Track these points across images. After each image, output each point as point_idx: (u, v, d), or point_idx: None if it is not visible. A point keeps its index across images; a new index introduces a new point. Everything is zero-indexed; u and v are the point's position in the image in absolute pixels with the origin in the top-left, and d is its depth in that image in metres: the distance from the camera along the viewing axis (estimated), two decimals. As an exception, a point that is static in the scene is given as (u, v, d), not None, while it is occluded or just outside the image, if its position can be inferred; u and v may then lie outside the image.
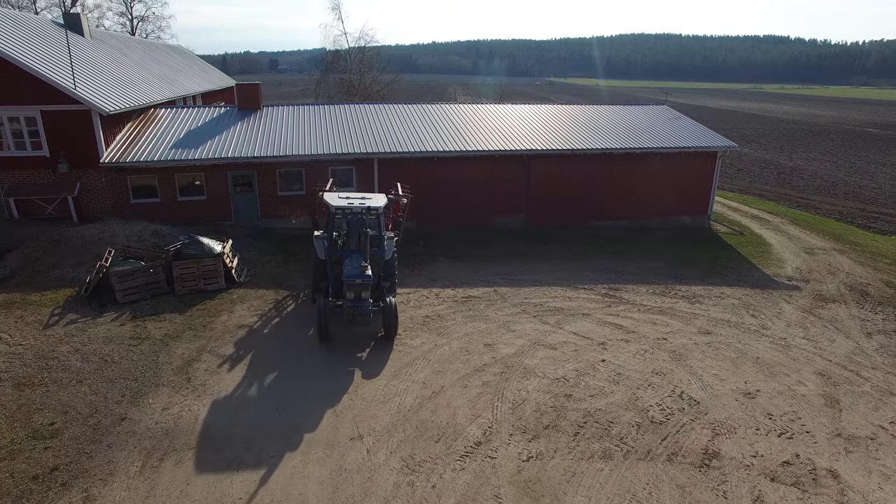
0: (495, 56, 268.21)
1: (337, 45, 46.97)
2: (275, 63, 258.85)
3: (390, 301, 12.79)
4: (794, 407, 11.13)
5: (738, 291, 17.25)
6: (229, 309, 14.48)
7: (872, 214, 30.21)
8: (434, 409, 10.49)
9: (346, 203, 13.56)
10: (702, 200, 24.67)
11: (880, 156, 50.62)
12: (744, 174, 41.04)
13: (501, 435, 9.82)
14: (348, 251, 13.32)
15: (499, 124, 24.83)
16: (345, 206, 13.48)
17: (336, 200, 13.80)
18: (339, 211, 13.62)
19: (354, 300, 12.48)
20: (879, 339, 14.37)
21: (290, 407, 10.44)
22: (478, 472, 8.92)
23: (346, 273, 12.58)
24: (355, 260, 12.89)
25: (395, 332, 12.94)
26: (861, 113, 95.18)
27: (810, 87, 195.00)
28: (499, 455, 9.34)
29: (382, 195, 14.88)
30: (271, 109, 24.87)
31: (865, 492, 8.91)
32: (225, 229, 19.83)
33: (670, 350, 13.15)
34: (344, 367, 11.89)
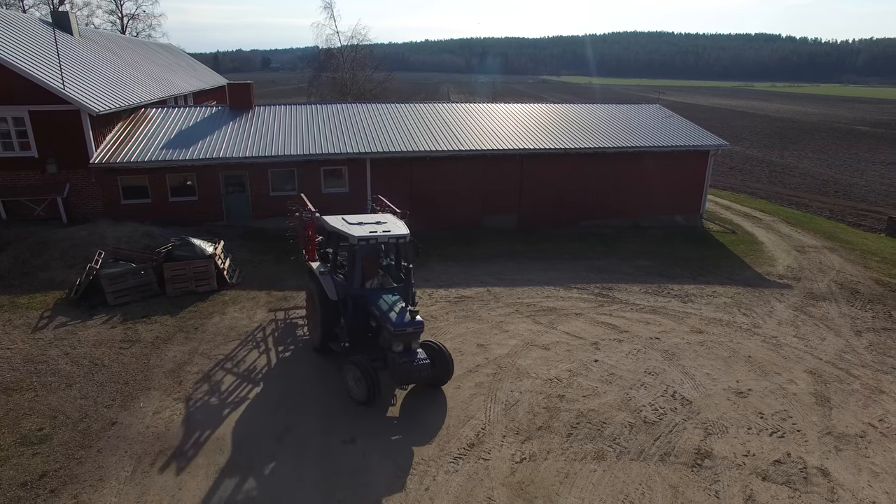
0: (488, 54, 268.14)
1: (329, 43, 46.88)
2: (267, 61, 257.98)
3: (441, 346, 10.99)
4: (785, 406, 11.18)
5: (730, 290, 17.32)
6: (221, 311, 14.40)
7: (862, 212, 30.45)
8: (427, 411, 10.46)
9: (367, 232, 10.90)
10: (694, 199, 24.76)
11: (870, 153, 51.02)
12: (736, 172, 41.25)
13: (494, 436, 9.81)
14: (374, 290, 11.11)
15: (491, 124, 24.82)
16: (367, 235, 10.79)
17: (352, 229, 11.08)
18: (363, 241, 10.79)
19: (405, 352, 10.28)
20: (869, 337, 14.47)
21: (284, 409, 10.39)
22: (471, 474, 8.91)
23: (393, 321, 10.16)
24: (391, 302, 10.68)
25: (449, 378, 11.08)
26: (851, 111, 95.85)
27: (801, 85, 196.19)
28: (492, 457, 9.33)
29: (394, 217, 12.36)
30: (263, 109, 24.76)
31: (855, 489, 8.97)
32: (216, 230, 19.72)
33: (663, 349, 13.19)
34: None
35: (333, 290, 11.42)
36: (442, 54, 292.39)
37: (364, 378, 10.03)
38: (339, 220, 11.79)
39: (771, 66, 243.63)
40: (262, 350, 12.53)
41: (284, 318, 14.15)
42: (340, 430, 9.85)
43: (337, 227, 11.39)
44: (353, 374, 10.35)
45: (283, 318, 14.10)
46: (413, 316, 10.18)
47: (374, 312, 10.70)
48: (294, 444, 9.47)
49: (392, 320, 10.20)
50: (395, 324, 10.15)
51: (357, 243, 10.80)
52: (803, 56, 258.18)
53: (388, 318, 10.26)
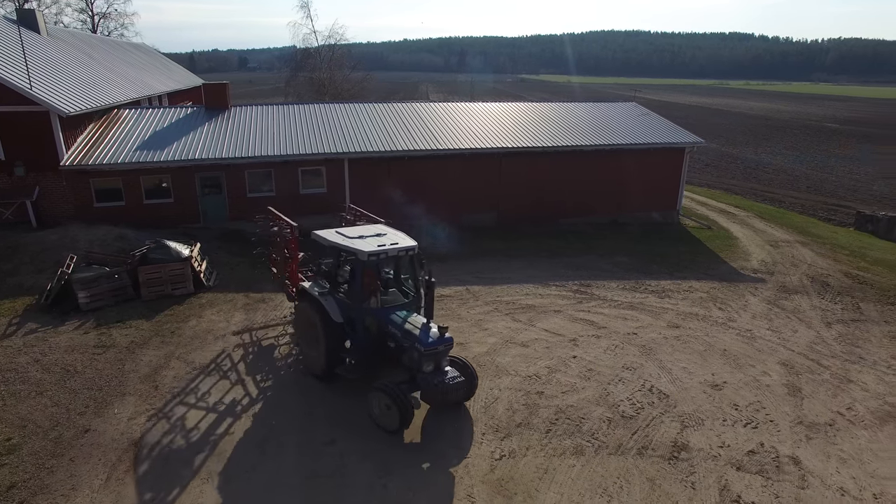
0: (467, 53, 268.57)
1: (307, 43, 46.52)
2: (244, 61, 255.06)
3: (465, 360, 10.54)
4: (759, 397, 11.40)
5: (705, 285, 17.59)
6: (198, 314, 14.22)
7: (833, 207, 31.17)
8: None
9: (376, 246, 10.20)
10: (671, 196, 25.10)
11: (839, 150, 52.20)
12: (711, 169, 41.90)
13: (474, 434, 9.84)
14: (387, 308, 10.47)
15: (470, 123, 24.87)
16: (377, 249, 10.07)
17: (357, 243, 10.32)
18: (374, 257, 10.05)
19: (436, 372, 9.69)
20: (838, 329, 14.82)
21: (263, 413, 10.29)
22: (451, 472, 8.93)
23: (424, 341, 9.51)
24: (412, 319, 10.08)
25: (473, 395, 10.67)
26: (821, 108, 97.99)
27: (774, 83, 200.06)
28: (471, 454, 9.36)
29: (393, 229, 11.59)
30: (239, 109, 24.50)
31: (824, 476, 9.20)
32: (193, 232, 19.47)
33: (640, 345, 13.35)
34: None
35: (337, 311, 10.50)
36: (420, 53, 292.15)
37: (395, 404, 9.31)
38: (336, 234, 10.90)
39: (745, 64, 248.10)
40: (240, 352, 12.40)
41: (253, 341, 12.86)
42: (320, 433, 9.80)
43: (340, 243, 10.47)
44: (381, 402, 9.60)
45: (251, 342, 12.83)
46: (443, 333, 9.52)
47: (394, 332, 10.00)
48: (275, 447, 9.39)
49: (422, 339, 9.51)
50: (426, 343, 9.45)
51: (367, 259, 9.98)
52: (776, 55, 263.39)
53: (416, 338, 9.59)
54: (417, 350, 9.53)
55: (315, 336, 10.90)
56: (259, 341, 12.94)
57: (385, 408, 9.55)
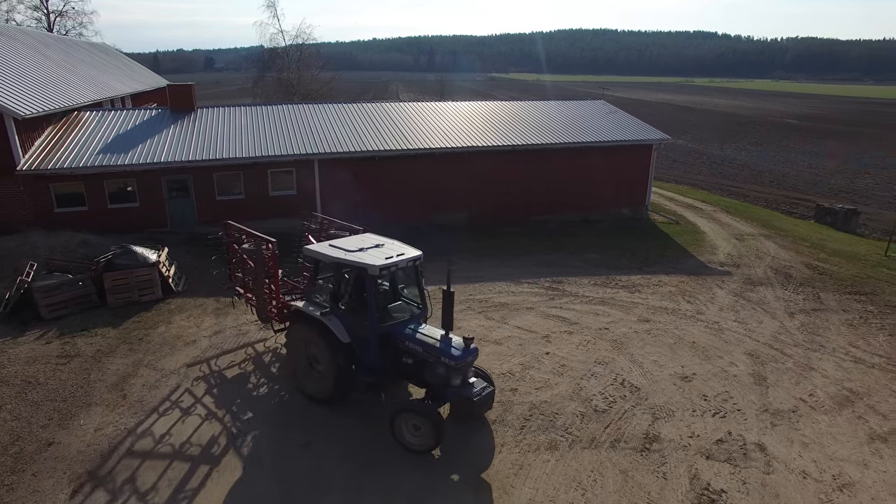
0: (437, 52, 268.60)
1: (274, 43, 45.92)
2: (210, 61, 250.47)
3: (482, 369, 10.38)
4: (726, 387, 11.70)
5: (674, 279, 17.96)
6: (167, 320, 13.94)
7: (794, 200, 32.13)
8: (383, 411, 10.42)
9: (383, 258, 9.63)
10: (639, 192, 25.54)
11: (799, 145, 53.84)
12: (679, 165, 42.77)
13: (450, 432, 9.86)
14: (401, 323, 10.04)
15: (440, 122, 24.90)
16: (387, 263, 9.53)
17: (364, 257, 9.72)
18: (385, 270, 9.53)
19: (464, 385, 9.46)
20: (801, 318, 15.30)
21: (236, 419, 10.14)
22: (428, 470, 8.94)
23: (452, 354, 9.15)
24: (431, 332, 9.69)
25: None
26: (781, 105, 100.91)
27: (736, 80, 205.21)
28: (447, 452, 9.38)
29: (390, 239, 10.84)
30: (206, 111, 24.06)
31: (787, 460, 9.51)
32: (160, 237, 19.05)
33: (612, 339, 13.57)
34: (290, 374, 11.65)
35: (344, 330, 9.82)
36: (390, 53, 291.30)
37: (429, 422, 8.98)
38: (334, 248, 10.17)
39: (709, 62, 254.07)
40: (212, 356, 12.19)
41: (211, 372, 11.63)
42: (295, 435, 9.71)
43: (345, 258, 9.77)
44: (409, 423, 9.18)
45: (209, 372, 11.60)
46: (468, 344, 9.25)
47: (412, 347, 9.59)
48: (250, 451, 9.26)
49: (450, 353, 9.15)
50: (455, 357, 9.10)
51: (379, 273, 9.42)
52: (738, 53, 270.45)
53: (442, 352, 9.19)
54: (445, 364, 9.17)
55: (316, 359, 10.27)
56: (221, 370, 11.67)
57: (414, 428, 9.16)
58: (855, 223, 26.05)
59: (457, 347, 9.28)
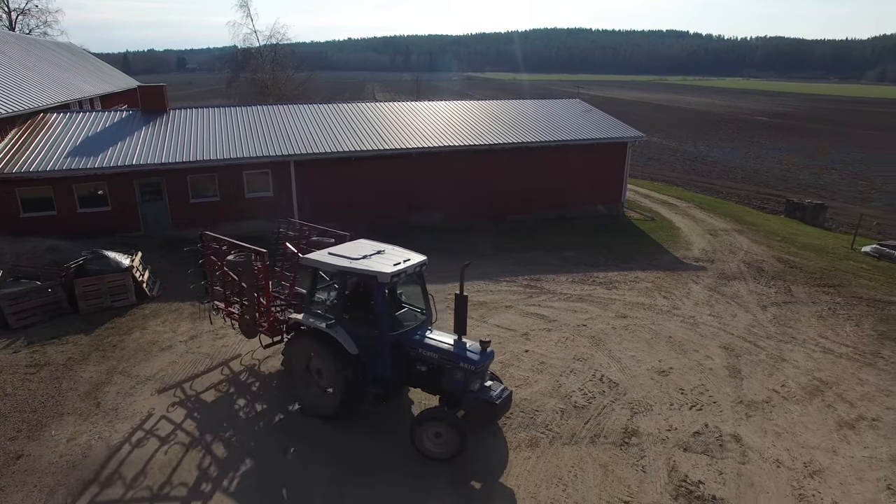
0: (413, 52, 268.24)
1: (247, 43, 45.30)
2: (182, 62, 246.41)
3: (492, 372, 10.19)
4: (702, 380, 11.92)
5: (650, 275, 18.21)
6: (142, 325, 13.68)
7: (765, 196, 32.84)
8: (363, 413, 10.39)
9: (392, 265, 9.29)
10: (615, 189, 25.84)
11: (769, 142, 55.03)
12: (654, 162, 43.38)
13: (431, 433, 9.87)
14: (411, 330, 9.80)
15: (417, 122, 24.88)
16: (398, 269, 9.22)
17: (372, 264, 9.34)
18: (396, 277, 9.22)
19: (482, 389, 9.32)
20: (773, 311, 15.65)
21: (212, 425, 10.00)
22: (409, 473, 8.92)
23: (472, 359, 9.03)
24: (444, 338, 9.56)
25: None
26: (751, 103, 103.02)
27: (709, 78, 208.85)
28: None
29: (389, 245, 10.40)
30: (179, 112, 23.67)
31: (762, 450, 9.74)
32: (133, 241, 18.70)
33: (590, 336, 13.71)
34: (266, 376, 11.53)
35: (352, 342, 9.46)
36: (366, 52, 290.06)
37: (453, 429, 8.85)
38: (337, 257, 9.64)
39: (681, 61, 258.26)
40: (188, 361, 12.01)
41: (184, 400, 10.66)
42: (276, 440, 9.62)
43: (353, 266, 9.31)
44: (430, 432, 9.01)
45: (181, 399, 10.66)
46: (485, 347, 9.18)
47: (427, 355, 9.36)
48: (224, 460, 9.14)
49: (469, 358, 9.02)
50: (475, 361, 8.99)
51: (390, 280, 9.12)
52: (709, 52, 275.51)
53: (461, 357, 9.06)
54: (464, 370, 9.05)
55: (320, 373, 9.88)
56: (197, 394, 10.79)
57: (435, 436, 9.01)
58: (822, 218, 26.74)
59: (474, 351, 9.17)
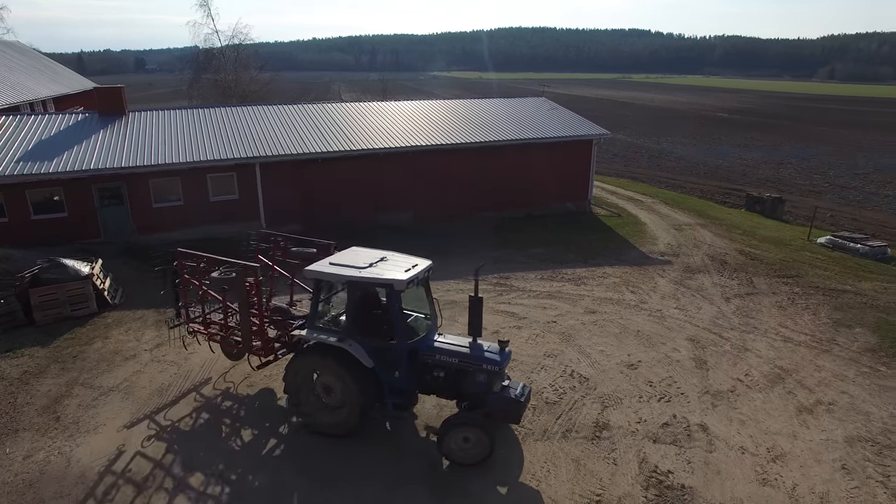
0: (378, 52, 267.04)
1: (209, 43, 44.31)
2: (141, 62, 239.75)
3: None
4: (670, 372, 12.17)
5: (618, 270, 18.51)
6: (104, 335, 13.28)
7: (727, 190, 33.71)
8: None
9: (403, 272, 9.01)
10: (582, 186, 26.19)
11: (730, 137, 56.54)
12: (619, 159, 44.11)
13: (405, 434, 9.83)
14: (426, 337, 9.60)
15: (383, 122, 24.76)
16: (411, 277, 8.95)
17: (384, 272, 9.04)
18: (411, 285, 8.99)
19: (504, 389, 9.34)
20: (736, 303, 16.09)
21: (182, 434, 9.76)
22: (385, 475, 8.88)
23: (495, 360, 9.04)
24: (460, 342, 9.49)
25: None
26: (712, 99, 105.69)
27: (670, 76, 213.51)
28: (404, 453, 9.36)
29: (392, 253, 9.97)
30: (139, 114, 23.05)
31: (727, 438, 10.01)
32: (93, 248, 18.14)
33: (560, 332, 13.86)
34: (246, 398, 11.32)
35: (365, 354, 9.11)
36: (331, 52, 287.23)
37: (483, 433, 8.80)
38: (343, 267, 9.19)
39: (643, 59, 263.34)
40: (154, 370, 11.69)
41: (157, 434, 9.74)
42: (251, 447, 9.45)
43: (366, 276, 8.94)
44: (458, 437, 8.88)
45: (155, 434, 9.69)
46: (503, 347, 9.24)
47: (446, 360, 9.20)
48: (195, 469, 8.93)
49: (491, 359, 9.01)
50: (498, 362, 9.00)
51: (406, 288, 8.87)
52: (671, 50, 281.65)
53: (483, 359, 9.02)
54: (487, 371, 9.01)
55: (330, 391, 9.43)
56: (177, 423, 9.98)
57: (463, 441, 8.89)
58: (781, 211, 27.60)
59: (493, 352, 9.16)
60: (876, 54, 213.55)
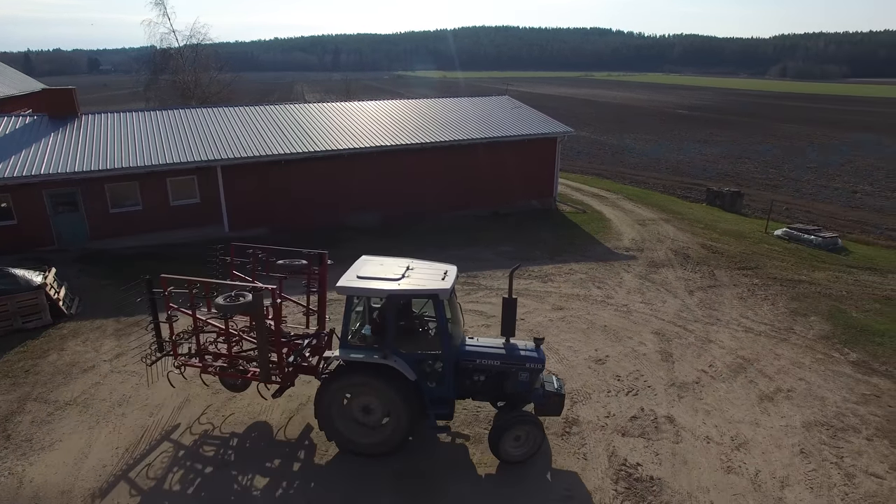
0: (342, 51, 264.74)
1: (166, 43, 43.05)
2: (95, 62, 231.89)
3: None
4: (637, 366, 12.38)
5: (584, 266, 18.75)
6: (59, 346, 12.78)
7: (688, 185, 34.54)
8: (301, 420, 10.15)
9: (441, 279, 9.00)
10: (547, 184, 26.45)
11: (690, 134, 57.93)
12: (583, 156, 44.72)
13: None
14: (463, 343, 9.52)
15: (347, 122, 24.53)
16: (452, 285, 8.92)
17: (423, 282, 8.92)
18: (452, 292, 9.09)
19: (543, 384, 9.44)
20: (699, 296, 16.48)
21: (142, 446, 9.46)
22: (355, 477, 8.79)
23: (537, 359, 9.18)
24: (495, 342, 9.54)
25: None
26: (672, 97, 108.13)
27: (632, 74, 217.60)
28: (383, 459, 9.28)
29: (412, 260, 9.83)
30: (93, 117, 22.27)
31: (693, 429, 10.24)
32: (46, 256, 17.46)
33: (528, 329, 13.94)
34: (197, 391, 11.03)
35: (410, 368, 8.89)
36: (293, 52, 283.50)
37: (536, 428, 9.05)
38: (375, 281, 8.91)
39: (605, 57, 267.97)
40: (114, 381, 11.31)
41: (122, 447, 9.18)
42: (211, 449, 9.21)
43: (411, 288, 8.79)
44: (510, 437, 8.99)
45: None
46: (538, 344, 9.46)
47: (488, 363, 9.16)
48: (154, 481, 8.67)
49: (534, 357, 9.19)
50: (540, 359, 9.22)
51: (450, 297, 8.93)
52: (631, 48, 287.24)
53: (525, 358, 9.16)
54: (531, 369, 9.15)
55: (369, 410, 9.10)
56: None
57: (515, 440, 9.03)
58: (739, 204, 28.43)
59: (531, 350, 9.33)
60: (823, 53, 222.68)
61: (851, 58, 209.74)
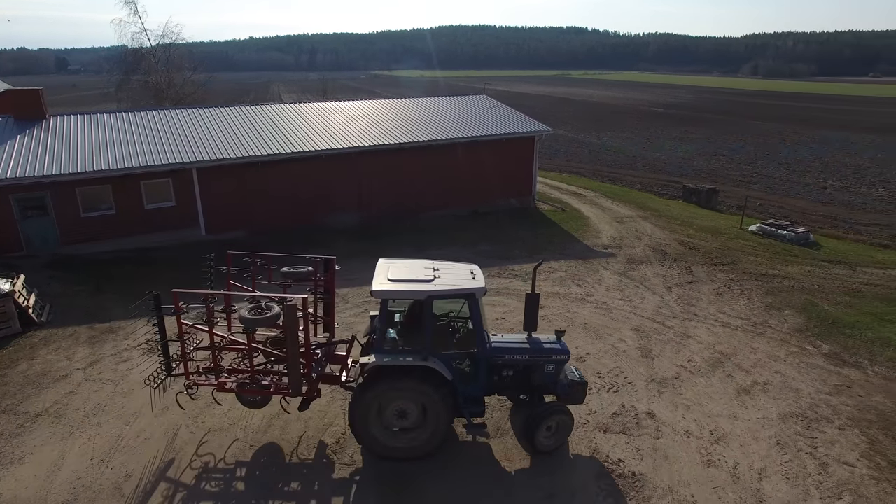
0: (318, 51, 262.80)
1: (137, 42, 42.17)
2: (63, 62, 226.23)
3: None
4: (617, 363, 12.50)
5: (564, 264, 18.87)
6: (30, 356, 12.44)
7: (664, 182, 34.99)
8: (283, 425, 10.04)
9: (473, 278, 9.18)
10: (526, 182, 26.57)
11: (665, 131, 58.73)
12: (561, 154, 45.02)
13: (355, 442, 9.66)
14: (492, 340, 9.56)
15: (325, 123, 24.34)
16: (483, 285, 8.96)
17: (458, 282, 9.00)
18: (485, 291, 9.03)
19: (566, 375, 9.76)
20: (677, 292, 16.71)
21: (118, 456, 9.25)
22: (338, 482, 8.72)
23: (562, 351, 9.45)
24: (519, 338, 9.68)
25: None
26: (647, 95, 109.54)
27: (608, 72, 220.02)
28: (355, 461, 9.22)
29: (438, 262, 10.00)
30: (62, 119, 21.74)
31: (673, 423, 10.38)
32: (14, 262, 17.00)
33: (508, 329, 13.96)
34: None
35: (446, 369, 8.90)
36: (269, 52, 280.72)
37: (568, 417, 9.36)
38: (412, 283, 8.85)
39: (581, 56, 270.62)
40: (88, 390, 11.04)
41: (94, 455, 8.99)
42: (183, 460, 9.04)
43: (448, 288, 8.81)
44: (545, 426, 9.22)
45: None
46: (559, 336, 9.76)
47: (516, 358, 9.31)
48: (132, 493, 8.48)
49: (561, 349, 9.50)
50: (567, 350, 9.57)
51: (484, 294, 8.99)
52: (607, 47, 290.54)
53: (552, 350, 9.43)
54: (557, 361, 9.47)
55: (405, 415, 9.05)
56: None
57: (547, 431, 9.29)
58: (715, 201, 28.89)
59: (554, 342, 9.63)
60: (792, 52, 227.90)
61: (819, 57, 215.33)
